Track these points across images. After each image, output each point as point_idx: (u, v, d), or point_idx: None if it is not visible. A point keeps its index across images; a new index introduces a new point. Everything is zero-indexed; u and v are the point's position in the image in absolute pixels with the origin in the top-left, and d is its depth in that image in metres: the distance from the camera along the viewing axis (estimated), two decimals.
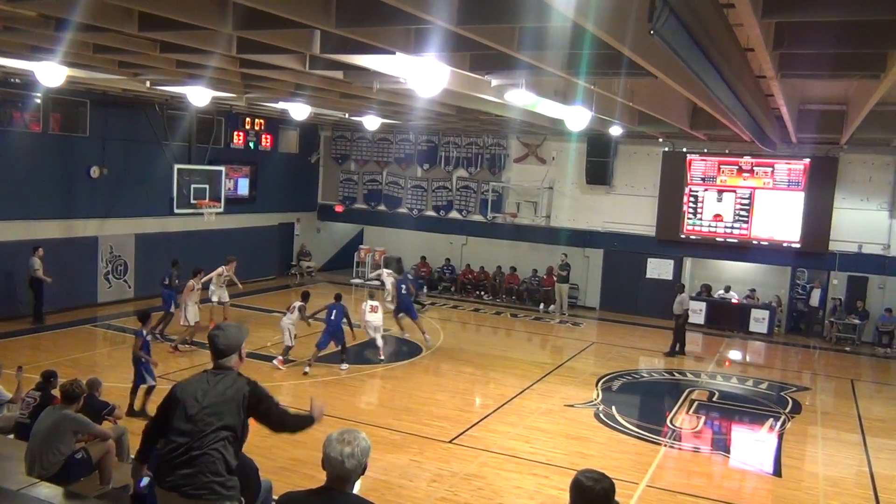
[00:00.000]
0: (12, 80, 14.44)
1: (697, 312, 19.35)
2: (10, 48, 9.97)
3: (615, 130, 16.16)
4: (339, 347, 13.60)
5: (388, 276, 17.85)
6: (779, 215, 19.06)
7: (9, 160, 15.41)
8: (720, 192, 19.64)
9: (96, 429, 7.01)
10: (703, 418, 12.15)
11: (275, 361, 13.52)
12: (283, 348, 13.69)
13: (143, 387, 10.27)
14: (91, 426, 6.91)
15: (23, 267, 15.47)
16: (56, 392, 7.39)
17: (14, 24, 8.15)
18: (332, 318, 13.57)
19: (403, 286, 16.08)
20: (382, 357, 14.24)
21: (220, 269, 15.66)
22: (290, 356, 13.67)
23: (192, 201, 18.28)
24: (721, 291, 19.74)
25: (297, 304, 14.02)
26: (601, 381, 13.77)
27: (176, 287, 14.88)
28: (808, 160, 18.64)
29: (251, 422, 4.39)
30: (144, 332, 10.36)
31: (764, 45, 6.11)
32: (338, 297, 14.06)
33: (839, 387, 14.80)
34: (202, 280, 14.72)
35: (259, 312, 18.10)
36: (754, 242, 19.36)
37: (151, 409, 9.51)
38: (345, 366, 13.57)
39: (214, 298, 15.64)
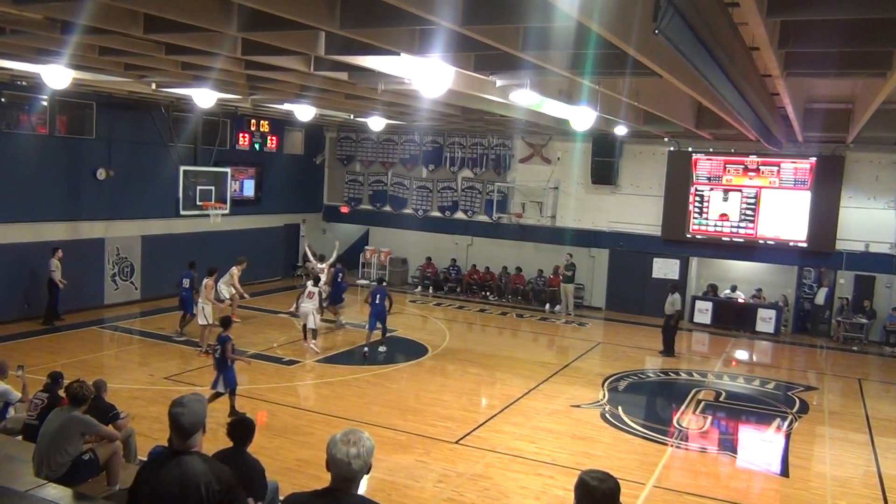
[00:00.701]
0: (19, 82, 14.51)
1: (704, 312, 19.35)
2: (17, 51, 10.02)
3: (620, 130, 16.12)
4: (381, 330, 14.69)
5: (328, 268, 17.89)
6: (785, 214, 18.99)
7: (15, 162, 15.48)
8: (726, 191, 19.58)
9: (103, 430, 7.04)
10: (710, 418, 12.13)
11: (312, 347, 14.40)
12: (311, 332, 14.55)
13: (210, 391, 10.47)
14: (98, 427, 6.94)
15: (30, 268, 15.59)
16: (63, 393, 7.42)
17: (20, 27, 8.19)
18: (377, 301, 14.61)
19: (340, 275, 17.09)
20: (315, 347, 14.49)
21: (234, 270, 16.01)
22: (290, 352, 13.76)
23: (198, 203, 18.32)
24: (727, 291, 19.68)
25: (312, 288, 14.79)
26: (607, 382, 13.74)
27: (196, 288, 15.07)
28: (814, 159, 18.57)
29: (257, 422, 4.32)
30: (230, 336, 10.72)
31: (769, 44, 6.10)
32: (380, 281, 15.45)
33: (846, 386, 14.74)
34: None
35: (265, 313, 18.12)
36: (760, 242, 19.30)
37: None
38: (383, 348, 14.75)
39: (225, 296, 15.98)
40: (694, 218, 19.93)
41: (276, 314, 17.99)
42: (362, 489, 3.54)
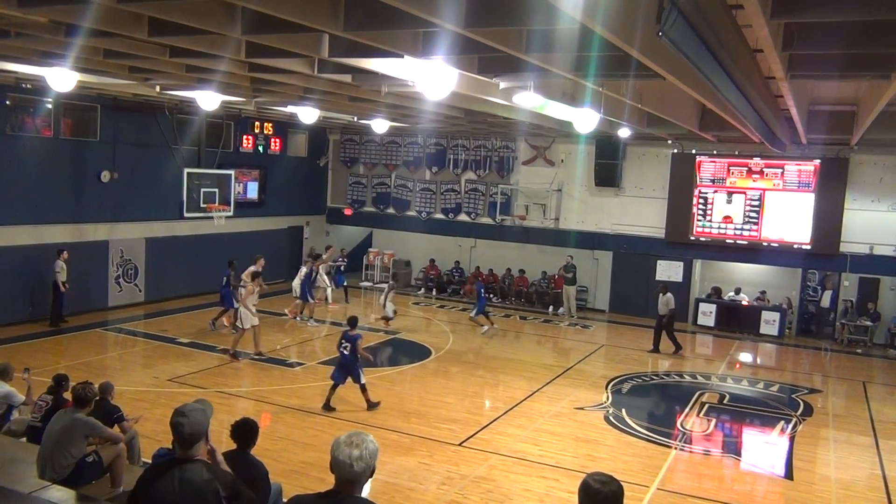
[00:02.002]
0: (24, 85, 14.54)
1: (707, 314, 19.31)
2: (22, 54, 10.05)
3: (624, 132, 16.11)
4: (485, 315, 17.93)
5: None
6: (789, 217, 18.97)
7: (20, 165, 15.53)
8: (730, 193, 19.56)
9: (107, 432, 7.05)
10: (714, 421, 12.10)
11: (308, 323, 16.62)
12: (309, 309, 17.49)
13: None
14: (102, 429, 6.95)
15: (34, 270, 15.64)
16: (68, 395, 7.44)
17: (25, 30, 8.22)
18: (483, 293, 17.95)
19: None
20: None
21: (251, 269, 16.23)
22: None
23: (202, 205, 18.36)
24: (731, 293, 19.64)
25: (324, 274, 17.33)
26: (611, 384, 13.73)
27: (234, 285, 15.68)
28: (818, 161, 18.55)
29: (261, 424, 4.31)
30: (360, 334, 11.51)
31: (773, 46, 6.09)
32: (479, 276, 20.13)
33: (851, 389, 14.70)
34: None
35: (269, 315, 18.10)
36: (764, 244, 19.27)
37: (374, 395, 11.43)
38: (493, 327, 17.83)
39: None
40: (697, 220, 19.90)
41: (279, 316, 17.98)
42: (366, 492, 3.54)
